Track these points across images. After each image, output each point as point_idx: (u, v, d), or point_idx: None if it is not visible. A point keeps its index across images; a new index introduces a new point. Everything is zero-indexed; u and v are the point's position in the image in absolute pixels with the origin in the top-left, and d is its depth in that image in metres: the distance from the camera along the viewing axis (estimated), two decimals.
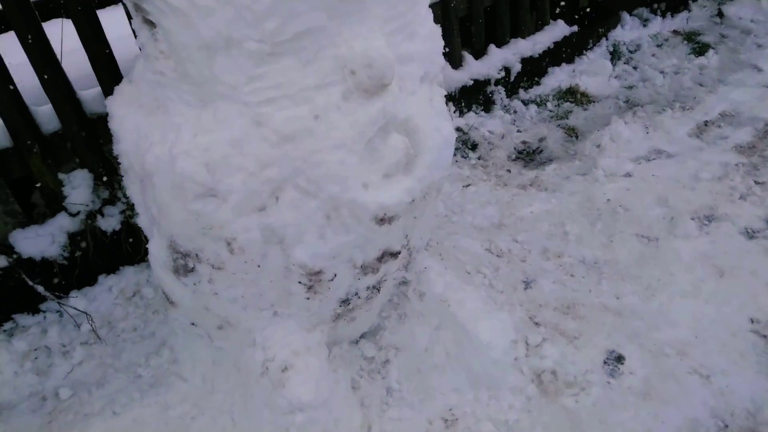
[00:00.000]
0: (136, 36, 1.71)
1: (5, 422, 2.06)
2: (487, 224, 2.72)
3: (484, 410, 1.92)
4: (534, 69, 3.64)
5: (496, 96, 3.51)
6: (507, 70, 3.49)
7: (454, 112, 3.30)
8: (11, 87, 2.15)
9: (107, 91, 2.23)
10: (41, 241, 2.34)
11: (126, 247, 2.49)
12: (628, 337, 2.14)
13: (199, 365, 2.06)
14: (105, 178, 2.39)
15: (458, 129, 3.17)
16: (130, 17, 1.73)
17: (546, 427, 1.89)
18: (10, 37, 2.27)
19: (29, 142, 2.24)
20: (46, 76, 2.16)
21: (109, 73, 2.23)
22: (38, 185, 2.31)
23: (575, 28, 3.77)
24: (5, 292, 2.32)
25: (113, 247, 2.47)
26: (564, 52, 3.77)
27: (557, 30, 3.68)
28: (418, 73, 1.81)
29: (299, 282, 1.73)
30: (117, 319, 2.40)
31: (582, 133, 3.35)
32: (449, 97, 3.27)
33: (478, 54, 3.43)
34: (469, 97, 3.38)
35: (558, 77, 3.74)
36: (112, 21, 2.44)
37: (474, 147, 3.17)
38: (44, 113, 2.27)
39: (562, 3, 3.70)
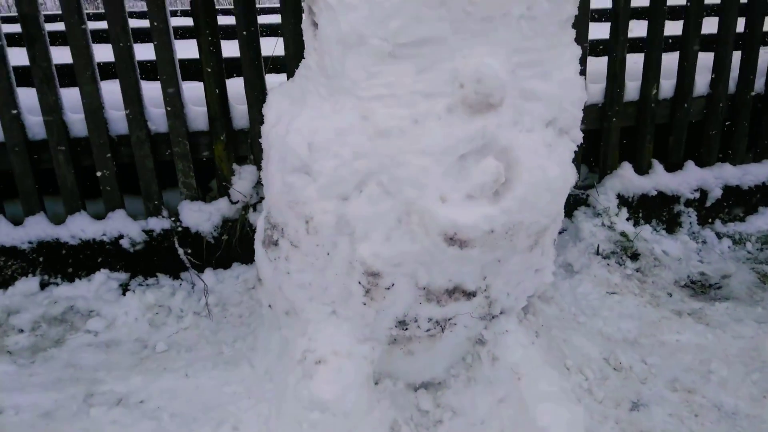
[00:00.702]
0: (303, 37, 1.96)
1: (106, 352, 2.34)
2: (618, 336, 2.38)
3: None
4: (739, 202, 3.21)
5: (684, 218, 3.15)
6: (703, 193, 3.14)
7: (627, 219, 3.03)
8: (221, 85, 2.60)
9: None
10: (200, 215, 2.69)
11: None
12: None
13: (268, 355, 2.12)
14: None
15: (622, 234, 2.90)
16: None
17: None
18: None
19: (220, 131, 2.65)
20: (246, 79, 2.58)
21: None
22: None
23: None
24: (159, 250, 2.70)
25: (254, 241, 2.73)
26: None
27: None
28: (544, 114, 1.76)
29: (359, 282, 1.72)
30: (231, 303, 2.60)
31: None
32: (625, 202, 3.04)
33: (672, 168, 3.16)
34: (650, 210, 3.09)
35: None
36: None
37: (635, 257, 2.85)
38: (239, 111, 2.69)
39: None
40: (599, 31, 3.45)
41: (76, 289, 2.60)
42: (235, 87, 2.69)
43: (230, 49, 2.78)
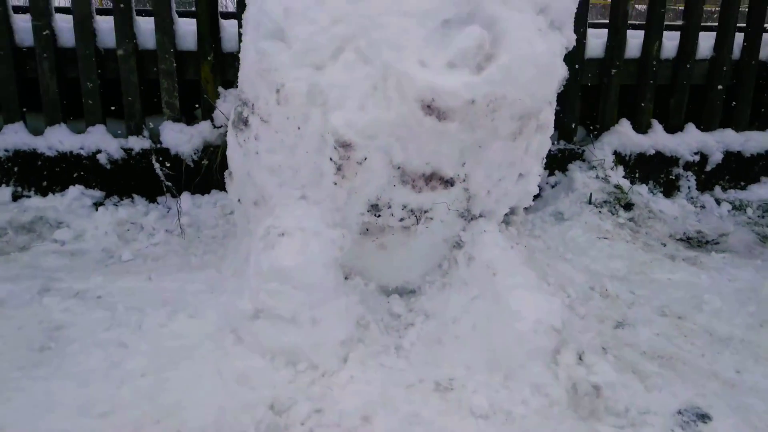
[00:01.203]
0: None
1: (71, 258, 2.24)
2: (605, 273, 2.26)
3: (488, 392, 1.50)
4: (741, 169, 3.11)
5: (682, 182, 3.05)
6: (704, 157, 3.04)
7: (624, 177, 2.93)
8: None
9: None
10: (181, 137, 2.61)
11: None
12: (731, 406, 1.52)
13: (236, 259, 2.01)
14: None
15: (617, 186, 2.80)
16: None
17: None
18: None
19: (208, 51, 2.59)
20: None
21: None
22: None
23: None
24: (137, 171, 2.61)
25: None
26: None
27: None
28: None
29: (330, 159, 1.63)
30: (206, 226, 2.50)
31: None
32: (622, 160, 2.94)
33: (673, 131, 3.07)
34: (647, 171, 2.99)
35: None
36: None
37: (628, 207, 2.74)
38: (229, 33, 2.63)
39: None
40: None
41: (48, 202, 2.51)
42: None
43: None
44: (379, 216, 1.70)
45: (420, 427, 1.38)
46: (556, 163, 2.95)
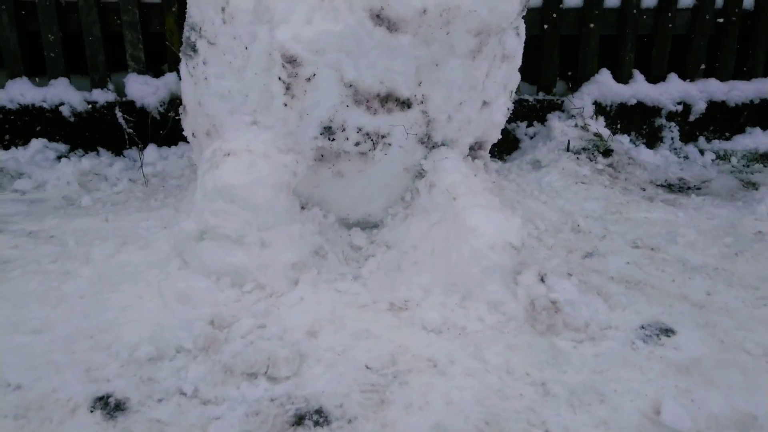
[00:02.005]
0: None
1: (29, 206, 2.18)
2: (580, 213, 2.19)
3: (444, 311, 1.43)
4: (725, 119, 3.03)
5: (665, 133, 2.98)
6: (687, 107, 2.97)
7: (605, 128, 2.86)
8: None
9: None
10: (146, 88, 2.55)
11: None
12: (698, 323, 1.46)
13: (193, 198, 1.95)
14: None
15: (596, 134, 2.72)
16: None
17: (514, 352, 1.32)
18: None
19: (171, 1, 2.52)
20: None
21: None
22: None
23: None
24: (101, 124, 2.55)
25: None
26: None
27: None
28: None
29: (279, 78, 1.57)
30: (172, 176, 2.44)
31: (765, 185, 2.61)
32: (603, 111, 2.87)
33: (655, 80, 3.00)
34: (629, 121, 2.92)
35: (757, 139, 3.04)
36: None
37: (607, 154, 2.67)
38: None
39: None
40: None
41: (9, 154, 2.45)
42: None
43: None
44: (334, 140, 1.64)
45: (368, 341, 1.32)
46: (535, 113, 2.88)
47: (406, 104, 1.64)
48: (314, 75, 1.54)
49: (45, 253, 1.72)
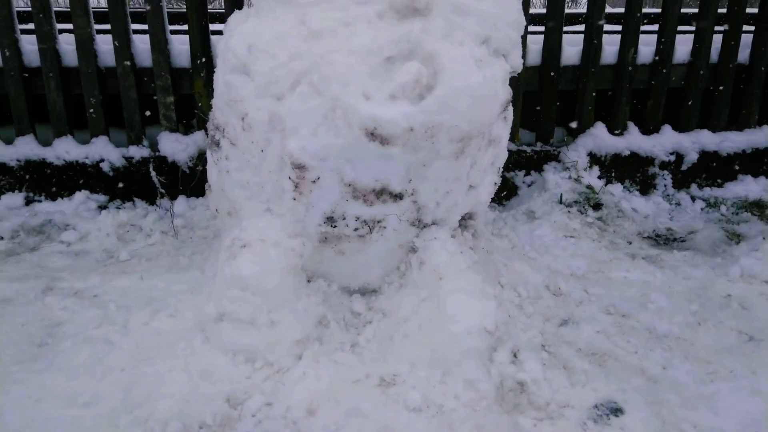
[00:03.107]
0: None
1: (74, 258, 2.48)
2: (566, 272, 2.42)
3: (426, 387, 1.68)
4: (718, 168, 3.20)
5: (659, 180, 3.16)
6: (679, 156, 3.14)
7: (599, 177, 3.06)
8: (204, 23, 2.75)
9: None
10: (177, 145, 2.83)
11: None
12: (647, 402, 1.68)
13: (217, 261, 2.22)
14: None
15: (588, 187, 2.93)
16: None
17: (481, 431, 1.57)
18: None
19: (200, 68, 2.79)
20: None
21: None
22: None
23: None
24: (137, 177, 2.85)
25: None
26: (766, 165, 3.24)
27: (760, 136, 3.20)
28: (477, 31, 1.83)
29: (289, 177, 1.82)
30: (199, 227, 2.73)
31: (747, 239, 2.79)
32: (597, 161, 3.07)
33: (649, 131, 3.18)
34: (623, 170, 3.11)
35: (748, 186, 3.20)
36: None
37: (597, 207, 2.87)
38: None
39: None
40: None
41: (56, 206, 2.77)
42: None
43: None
44: (335, 227, 1.89)
45: (357, 419, 1.57)
46: (533, 163, 3.09)
47: (398, 197, 1.88)
48: (318, 178, 1.79)
49: (89, 316, 2.01)
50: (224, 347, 1.74)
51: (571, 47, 3.08)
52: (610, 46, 3.09)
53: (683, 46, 3.16)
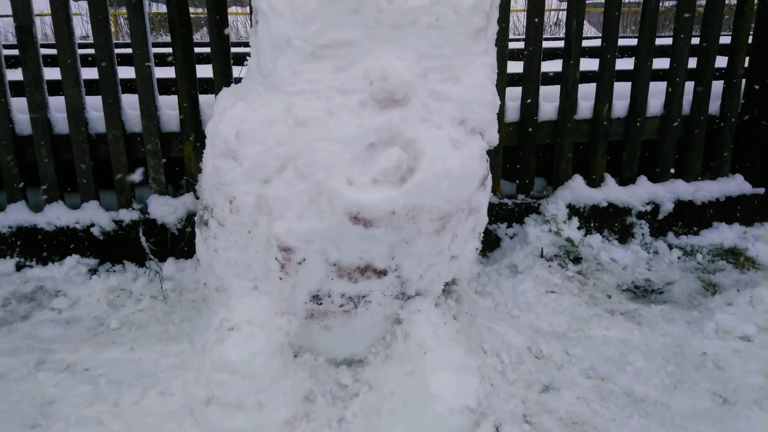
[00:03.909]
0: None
1: (65, 327, 2.53)
2: (547, 330, 2.49)
3: None
4: (693, 216, 3.30)
5: (636, 230, 3.26)
6: (656, 206, 3.25)
7: (579, 228, 3.15)
8: (193, 89, 2.83)
9: None
10: (166, 208, 2.89)
11: None
12: None
13: (206, 332, 2.27)
14: None
15: (568, 239, 3.02)
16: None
17: None
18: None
19: (189, 132, 2.87)
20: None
21: None
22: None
23: (761, 190, 3.35)
24: (127, 240, 2.90)
25: None
26: (740, 212, 3.35)
27: (732, 185, 3.32)
28: (454, 114, 1.92)
29: (276, 258, 1.89)
30: (188, 290, 2.77)
31: (723, 291, 2.88)
32: (576, 212, 3.16)
33: (625, 182, 3.28)
34: (602, 221, 3.21)
35: (723, 234, 3.31)
36: None
37: (577, 261, 2.96)
38: (208, 115, 2.90)
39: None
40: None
41: (48, 271, 2.81)
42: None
43: (204, 71, 3.03)
44: (321, 304, 1.95)
45: None
46: (514, 216, 3.17)
47: (382, 273, 1.95)
48: (304, 259, 1.86)
49: (81, 393, 2.05)
50: (213, 430, 1.78)
51: (548, 103, 3.19)
52: (586, 101, 3.21)
53: (656, 99, 3.28)
